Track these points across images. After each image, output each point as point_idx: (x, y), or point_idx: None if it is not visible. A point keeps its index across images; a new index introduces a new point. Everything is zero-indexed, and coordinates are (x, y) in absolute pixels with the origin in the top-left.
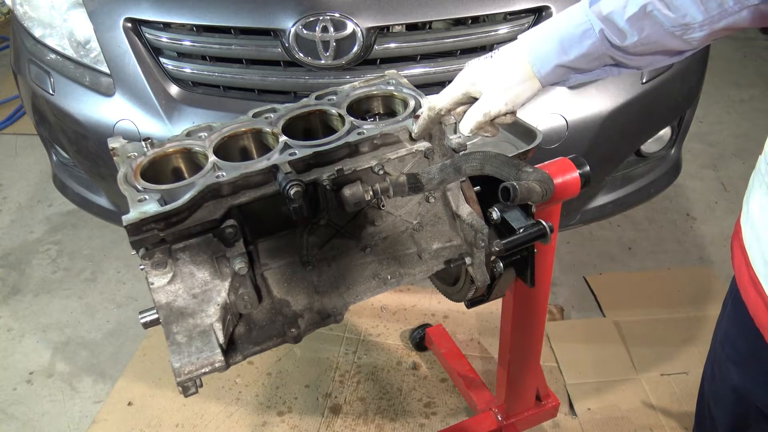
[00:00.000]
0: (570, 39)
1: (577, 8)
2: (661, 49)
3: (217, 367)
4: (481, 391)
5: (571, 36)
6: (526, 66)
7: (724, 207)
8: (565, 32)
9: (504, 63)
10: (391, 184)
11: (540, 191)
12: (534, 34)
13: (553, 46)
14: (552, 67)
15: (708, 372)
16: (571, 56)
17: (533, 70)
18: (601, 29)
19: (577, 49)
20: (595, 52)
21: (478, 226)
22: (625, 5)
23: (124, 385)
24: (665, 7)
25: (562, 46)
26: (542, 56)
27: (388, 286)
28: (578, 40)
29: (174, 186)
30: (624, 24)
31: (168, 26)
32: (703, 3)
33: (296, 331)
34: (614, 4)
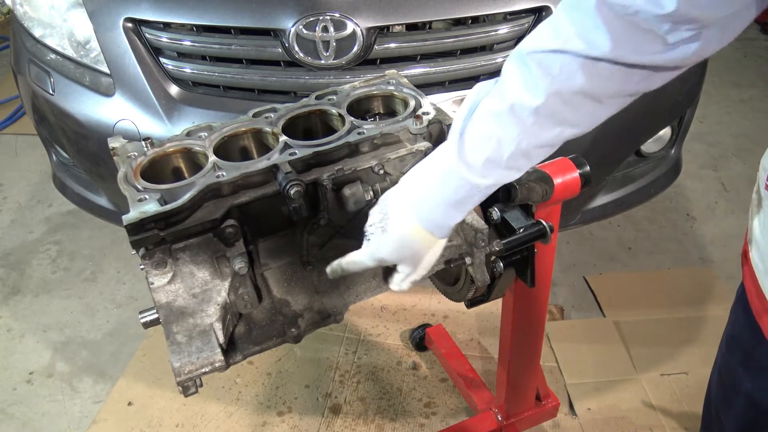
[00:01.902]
0: (460, 201)
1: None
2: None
3: (217, 366)
4: (481, 391)
5: (459, 199)
6: (427, 236)
7: (724, 207)
8: (451, 198)
9: (404, 239)
10: (391, 184)
11: (540, 191)
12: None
13: (445, 212)
14: (450, 227)
15: (715, 378)
16: (464, 213)
17: (436, 236)
18: (487, 186)
19: (470, 204)
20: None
21: (478, 226)
22: (498, 148)
23: (124, 385)
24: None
25: (456, 207)
26: (439, 223)
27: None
28: (468, 199)
29: (174, 186)
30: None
31: (168, 26)
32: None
33: (296, 331)
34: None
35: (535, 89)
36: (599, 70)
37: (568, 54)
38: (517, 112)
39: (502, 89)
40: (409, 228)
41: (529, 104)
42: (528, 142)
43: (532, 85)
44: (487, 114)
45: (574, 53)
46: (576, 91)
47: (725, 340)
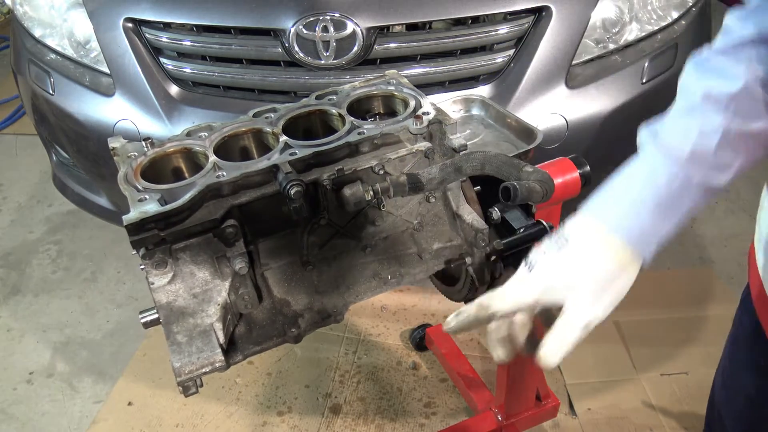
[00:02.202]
0: (668, 206)
1: (648, 162)
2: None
3: (218, 366)
4: (481, 391)
5: (667, 201)
6: (623, 249)
7: (724, 207)
8: (660, 198)
9: (589, 255)
10: (391, 184)
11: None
12: (611, 205)
13: (649, 217)
14: (659, 242)
15: (719, 379)
16: (676, 220)
17: (633, 255)
18: (699, 180)
19: (678, 212)
20: (701, 201)
21: (478, 225)
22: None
23: (124, 385)
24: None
25: (660, 215)
26: (643, 233)
27: (389, 286)
28: (677, 203)
29: (174, 186)
30: (716, 163)
31: (168, 26)
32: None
33: (296, 330)
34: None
35: (731, 76)
36: None
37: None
38: (714, 100)
39: (686, 91)
40: (601, 240)
41: (727, 90)
42: (735, 129)
43: (725, 74)
44: (677, 112)
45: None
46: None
47: (730, 341)
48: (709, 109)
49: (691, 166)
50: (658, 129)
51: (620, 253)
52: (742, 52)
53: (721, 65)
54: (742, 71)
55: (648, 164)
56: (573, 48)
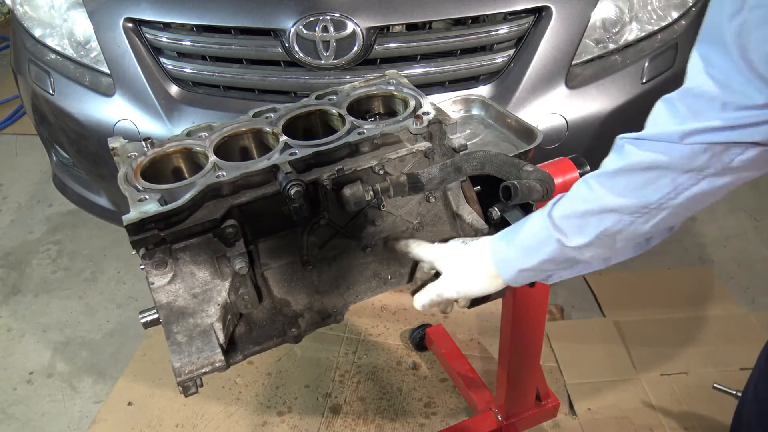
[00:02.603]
0: (530, 247)
1: (537, 216)
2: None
3: (218, 366)
4: (481, 391)
5: (530, 244)
6: (491, 266)
7: (724, 207)
8: (526, 240)
9: (471, 256)
10: (391, 184)
11: (540, 190)
12: (503, 235)
13: (516, 252)
14: (515, 272)
15: (750, 392)
16: (534, 262)
17: (498, 272)
18: (558, 237)
19: (538, 256)
20: (561, 255)
21: (478, 225)
22: (572, 204)
23: (124, 385)
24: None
25: (524, 252)
26: (506, 259)
27: (389, 285)
28: (537, 248)
29: (174, 186)
30: (576, 221)
31: (168, 26)
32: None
33: (296, 330)
34: (565, 206)
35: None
36: None
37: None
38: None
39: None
40: (482, 252)
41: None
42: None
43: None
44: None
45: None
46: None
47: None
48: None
49: (555, 227)
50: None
51: (488, 267)
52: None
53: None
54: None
55: (536, 214)
56: (573, 48)
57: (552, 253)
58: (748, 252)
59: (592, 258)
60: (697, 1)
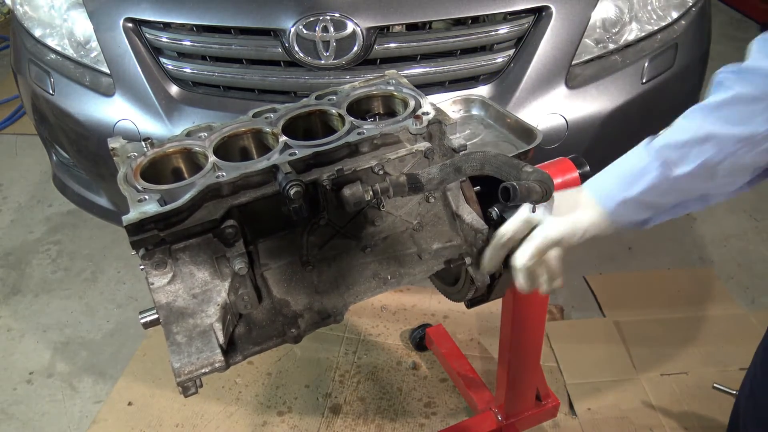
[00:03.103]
0: (632, 175)
1: (636, 149)
2: (739, 169)
3: (217, 367)
4: (481, 391)
5: (631, 172)
6: (589, 198)
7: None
8: (627, 169)
9: (564, 194)
10: (390, 184)
11: (540, 191)
12: (597, 175)
13: (615, 180)
14: (618, 202)
15: (746, 388)
16: (636, 191)
17: (599, 205)
18: (660, 163)
19: (640, 184)
20: (663, 185)
21: (478, 226)
22: (677, 133)
23: (124, 385)
24: (723, 121)
25: (624, 181)
26: (606, 190)
27: (388, 286)
28: (639, 176)
29: (174, 186)
30: (680, 150)
31: (168, 26)
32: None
33: (296, 331)
34: (668, 137)
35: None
36: None
37: None
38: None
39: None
40: (575, 190)
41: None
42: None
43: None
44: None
45: None
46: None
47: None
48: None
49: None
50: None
51: (587, 197)
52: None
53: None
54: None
55: (634, 149)
56: (573, 48)
57: (653, 181)
58: (748, 252)
59: (691, 192)
60: (696, 1)
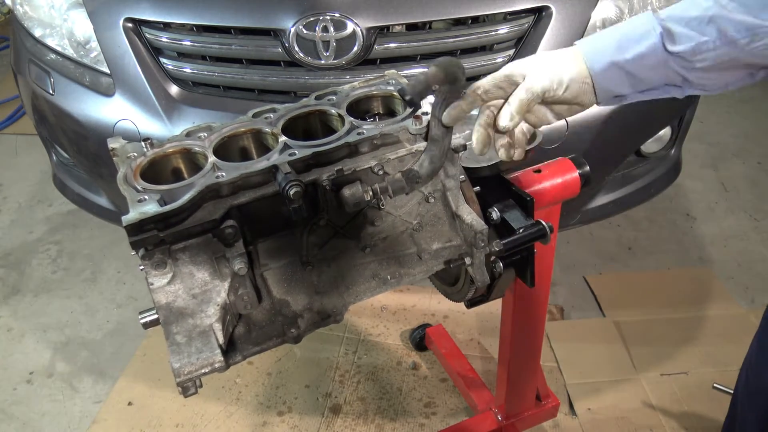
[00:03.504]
0: (628, 38)
1: (642, 14)
2: (729, 64)
3: (217, 367)
4: (481, 391)
5: (630, 35)
6: (578, 55)
7: (724, 207)
8: (625, 31)
9: (553, 53)
10: (389, 184)
11: (434, 72)
12: (592, 35)
13: (609, 41)
14: (606, 63)
15: (743, 376)
16: (628, 55)
17: (585, 63)
18: (661, 32)
19: (635, 49)
20: (654, 56)
21: (477, 226)
22: (687, 8)
23: (124, 385)
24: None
25: (619, 43)
26: (597, 49)
27: (388, 286)
28: (637, 40)
29: (173, 186)
30: (683, 27)
31: (168, 26)
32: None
33: (296, 331)
34: (676, 9)
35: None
36: None
37: None
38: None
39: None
40: (566, 49)
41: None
42: (714, 12)
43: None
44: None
45: None
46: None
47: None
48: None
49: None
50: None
51: (575, 55)
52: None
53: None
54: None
55: (639, 15)
56: None
57: (647, 49)
58: (748, 252)
59: (678, 74)
60: None
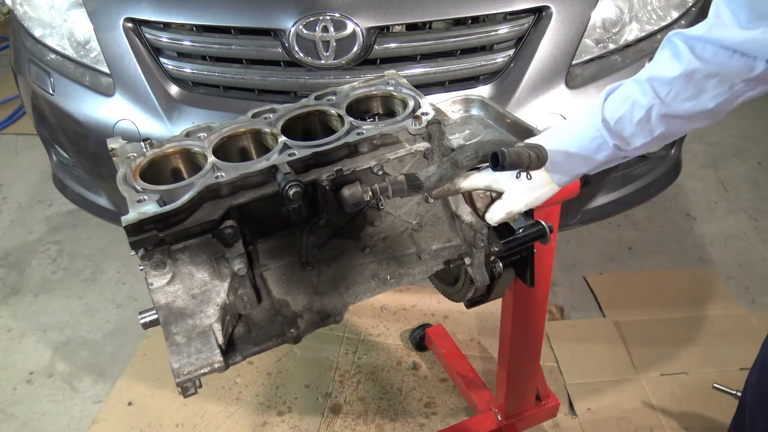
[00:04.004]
0: (586, 154)
1: (589, 117)
2: (682, 132)
3: (216, 367)
4: (481, 391)
5: (586, 151)
6: (546, 176)
7: (724, 207)
8: (580, 148)
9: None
10: (390, 184)
11: (529, 155)
12: (551, 143)
13: (570, 162)
14: (572, 177)
15: (754, 380)
16: (587, 168)
17: (553, 180)
18: (614, 144)
19: (592, 163)
20: (613, 158)
21: (477, 226)
22: (631, 111)
23: (124, 385)
24: (668, 106)
25: (579, 161)
26: (561, 169)
27: (388, 286)
28: (594, 154)
29: (173, 186)
30: (634, 130)
31: (168, 26)
32: (709, 91)
33: (296, 331)
34: (621, 109)
35: (675, 64)
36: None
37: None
38: (654, 82)
39: (648, 65)
40: (543, 179)
41: (666, 75)
42: (658, 110)
43: (673, 60)
44: (631, 81)
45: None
46: (706, 74)
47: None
48: (647, 88)
49: (612, 135)
50: (612, 91)
51: (545, 177)
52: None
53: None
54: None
55: (587, 120)
56: (573, 48)
57: (607, 158)
58: (748, 252)
59: (640, 152)
60: (697, 1)
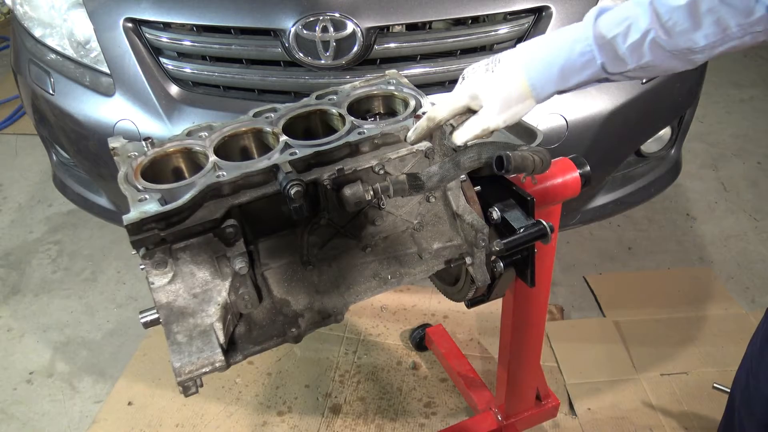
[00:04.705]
0: (571, 69)
1: (580, 31)
2: (660, 69)
3: (218, 366)
4: (481, 391)
5: (572, 66)
6: (526, 88)
7: (724, 207)
8: (567, 61)
9: (504, 81)
10: (391, 184)
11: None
12: (535, 53)
13: (553, 73)
14: (550, 93)
15: (742, 380)
16: (570, 84)
17: (532, 94)
18: (602, 62)
19: (577, 78)
20: (594, 78)
21: (478, 225)
22: (626, 32)
23: (124, 385)
24: (666, 33)
25: (562, 75)
26: (543, 82)
27: (389, 285)
28: (579, 70)
29: (174, 186)
30: (624, 51)
31: (168, 26)
32: (704, 29)
33: (296, 330)
34: (616, 29)
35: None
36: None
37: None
38: (657, 7)
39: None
40: (514, 73)
41: (671, 3)
42: (653, 35)
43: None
44: (631, 3)
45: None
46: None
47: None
48: (648, 11)
49: (602, 51)
50: (604, 11)
51: (525, 89)
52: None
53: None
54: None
55: (576, 33)
56: None
57: (591, 76)
58: (748, 252)
59: (618, 78)
60: None
